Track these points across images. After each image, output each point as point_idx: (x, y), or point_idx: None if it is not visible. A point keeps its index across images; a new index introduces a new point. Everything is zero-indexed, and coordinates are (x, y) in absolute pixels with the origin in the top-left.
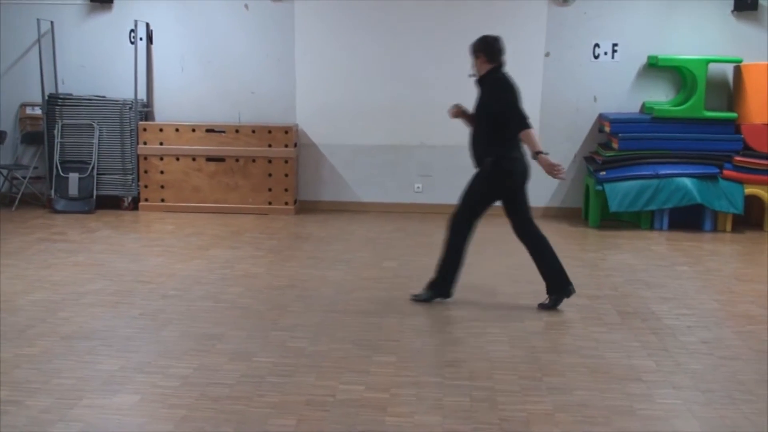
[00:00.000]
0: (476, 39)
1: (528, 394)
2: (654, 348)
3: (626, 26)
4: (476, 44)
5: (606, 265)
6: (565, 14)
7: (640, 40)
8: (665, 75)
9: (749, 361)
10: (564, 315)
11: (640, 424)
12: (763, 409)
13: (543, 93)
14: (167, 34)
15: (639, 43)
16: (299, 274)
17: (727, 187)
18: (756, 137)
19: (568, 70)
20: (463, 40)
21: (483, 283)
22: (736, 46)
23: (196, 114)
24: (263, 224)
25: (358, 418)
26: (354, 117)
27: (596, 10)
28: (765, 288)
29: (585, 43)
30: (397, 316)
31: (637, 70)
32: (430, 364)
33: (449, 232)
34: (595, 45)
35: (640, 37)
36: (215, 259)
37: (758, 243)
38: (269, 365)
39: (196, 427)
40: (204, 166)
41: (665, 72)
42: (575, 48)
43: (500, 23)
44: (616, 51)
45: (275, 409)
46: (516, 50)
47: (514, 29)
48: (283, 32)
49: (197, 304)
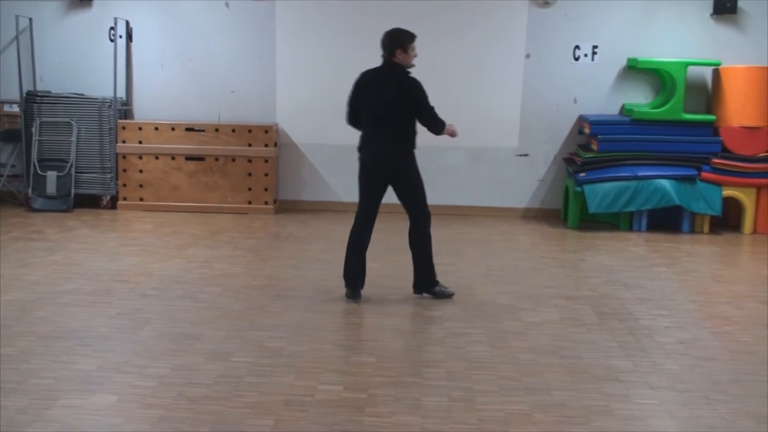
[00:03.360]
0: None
1: (506, 394)
2: (631, 348)
3: (606, 28)
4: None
5: (585, 266)
6: (545, 16)
7: (619, 43)
8: (645, 77)
9: (725, 362)
10: (543, 316)
11: (617, 424)
12: (738, 409)
13: (523, 94)
14: (147, 32)
15: (619, 45)
16: (278, 273)
17: (705, 189)
18: (734, 140)
19: (548, 71)
20: (444, 41)
21: (462, 284)
22: (715, 49)
23: (176, 112)
24: (243, 224)
25: (336, 418)
26: (335, 117)
27: (576, 12)
28: (741, 289)
29: (565, 44)
30: (376, 316)
31: (617, 72)
32: (409, 364)
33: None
34: (576, 47)
35: (619, 40)
36: (194, 259)
37: (735, 244)
38: (247, 365)
39: (174, 428)
40: (183, 165)
41: (645, 74)
42: (555, 50)
43: (481, 24)
44: (596, 53)
45: (253, 409)
46: (496, 52)
47: (495, 30)
48: (264, 31)
49: (175, 304)
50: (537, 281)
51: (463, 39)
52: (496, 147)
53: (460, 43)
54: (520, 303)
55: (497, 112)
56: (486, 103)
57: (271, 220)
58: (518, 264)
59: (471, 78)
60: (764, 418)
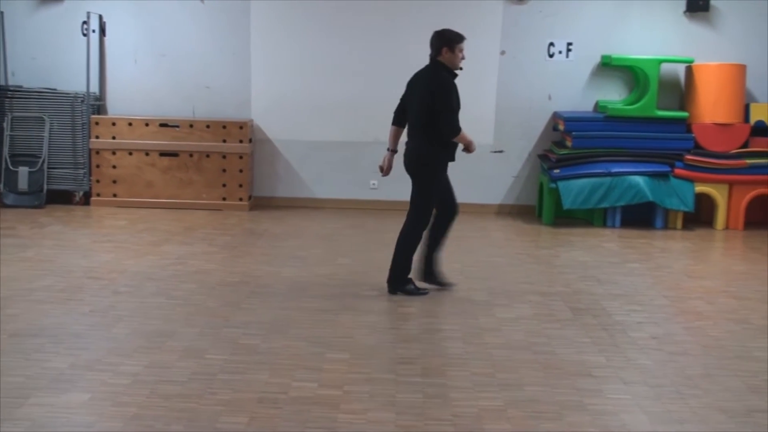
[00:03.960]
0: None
1: (480, 390)
2: (605, 344)
3: (580, 26)
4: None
5: (559, 262)
6: (520, 13)
7: (593, 40)
8: (618, 74)
9: (697, 356)
10: (517, 311)
11: (590, 418)
12: (710, 403)
13: (498, 91)
14: (120, 27)
15: (593, 42)
16: (253, 270)
17: (678, 186)
18: (707, 136)
19: (523, 68)
20: (419, 37)
21: None
22: (688, 47)
23: (150, 108)
24: (217, 220)
25: (310, 416)
26: (310, 113)
27: (551, 10)
28: (713, 284)
29: (540, 41)
30: (350, 312)
31: (591, 69)
32: (384, 360)
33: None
34: (550, 44)
35: (593, 37)
36: (168, 255)
37: (708, 240)
38: (221, 362)
39: (146, 426)
40: (157, 161)
41: (618, 71)
42: (530, 47)
43: (456, 21)
44: (570, 50)
45: (227, 406)
46: (471, 48)
47: (470, 27)
48: (239, 26)
49: (149, 301)
50: (511, 277)
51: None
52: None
53: None
54: (495, 299)
55: (472, 108)
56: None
57: (245, 216)
58: (493, 260)
59: None
60: (735, 412)
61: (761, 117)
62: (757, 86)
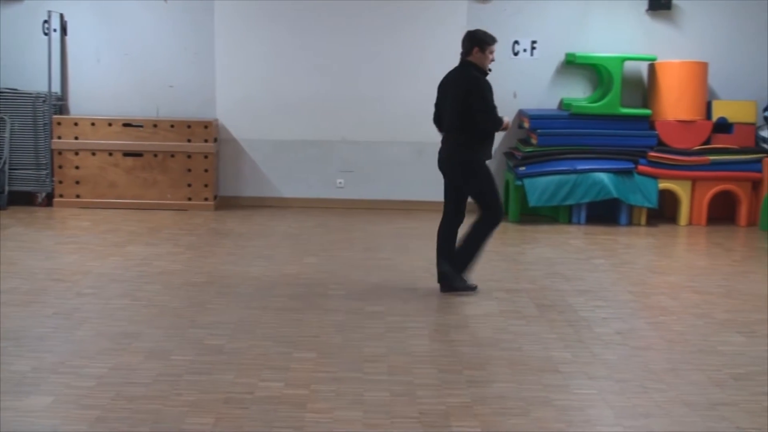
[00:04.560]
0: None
1: (447, 387)
2: (570, 340)
3: (545, 24)
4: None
5: (525, 258)
6: (484, 11)
7: (558, 38)
8: (583, 72)
9: (661, 351)
10: (484, 308)
11: (556, 414)
12: (674, 397)
13: None
14: (82, 26)
15: (557, 40)
16: (218, 270)
17: (642, 182)
18: (669, 133)
19: None
20: (384, 36)
21: (404, 278)
22: (651, 45)
23: (113, 108)
24: (182, 220)
25: (277, 415)
26: (275, 112)
27: (515, 8)
28: (677, 280)
29: (504, 39)
30: (317, 312)
31: (556, 67)
32: (351, 359)
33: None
34: (515, 42)
35: (558, 35)
36: (132, 256)
37: (672, 236)
38: (187, 363)
39: (111, 428)
40: (121, 161)
41: (582, 69)
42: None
43: (421, 19)
44: (534, 48)
45: (192, 407)
46: (436, 47)
47: (435, 26)
48: (203, 25)
49: (113, 302)
50: (478, 274)
51: (403, 34)
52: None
53: (400, 38)
54: (462, 296)
55: None
56: (427, 98)
57: (211, 216)
58: None
59: (411, 72)
60: (699, 406)
61: (723, 114)
62: (718, 83)
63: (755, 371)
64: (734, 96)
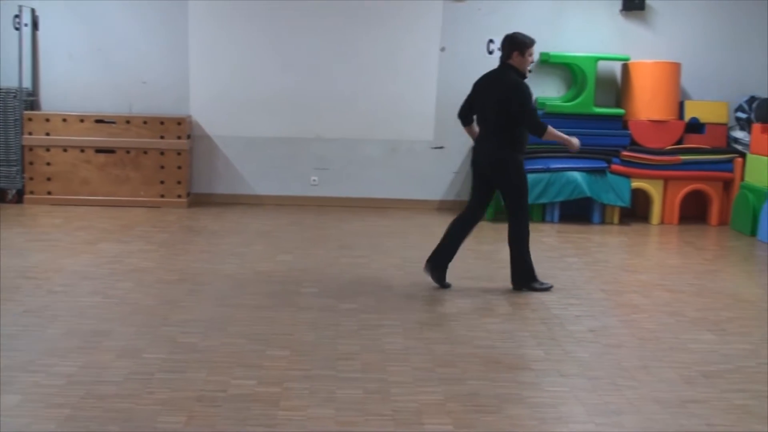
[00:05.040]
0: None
1: (420, 384)
2: (543, 337)
3: (519, 23)
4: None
5: (499, 257)
6: (460, 10)
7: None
8: (557, 71)
9: (633, 349)
10: (458, 306)
11: (528, 411)
12: (645, 395)
13: (438, 87)
14: (54, 21)
15: None
16: (191, 268)
17: (614, 181)
18: (642, 133)
19: (463, 64)
20: (359, 34)
21: (378, 276)
22: (624, 45)
23: (85, 104)
24: (155, 217)
25: (249, 413)
26: (249, 109)
27: (490, 7)
28: (649, 278)
29: (479, 38)
30: (290, 309)
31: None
32: (324, 357)
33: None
34: (490, 41)
35: (532, 34)
36: (104, 254)
37: (644, 235)
38: (159, 361)
39: (81, 427)
40: (93, 158)
41: (557, 68)
42: (470, 43)
43: (396, 17)
44: None
45: (165, 406)
46: (412, 44)
47: (410, 23)
48: (177, 21)
49: (84, 300)
50: (453, 272)
51: (378, 31)
52: (411, 139)
53: (375, 36)
54: (436, 294)
55: (413, 104)
56: (401, 96)
57: (184, 213)
58: None
59: (386, 70)
60: (669, 403)
61: (695, 114)
62: (690, 84)
63: (725, 369)
64: (706, 96)
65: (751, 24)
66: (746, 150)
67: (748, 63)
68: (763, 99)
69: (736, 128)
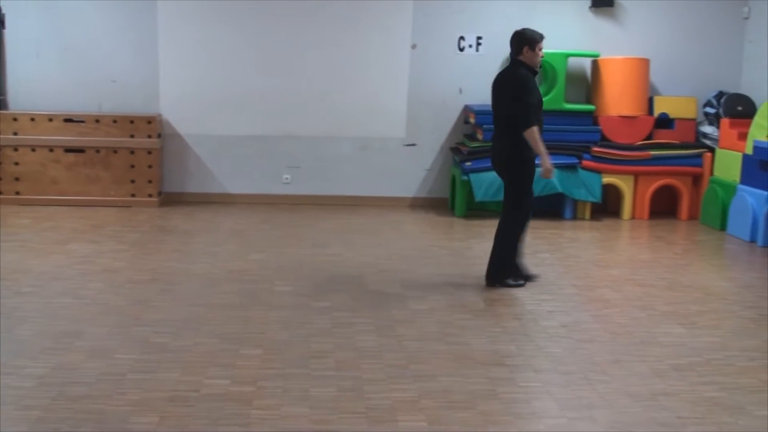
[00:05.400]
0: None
1: (394, 382)
2: (516, 333)
3: (490, 20)
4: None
5: (471, 253)
6: (430, 7)
7: (503, 34)
8: None
9: (605, 343)
10: (430, 303)
11: (502, 407)
12: (617, 389)
13: (410, 84)
14: (21, 19)
15: (502, 36)
16: (163, 267)
17: (586, 177)
18: (612, 128)
19: (434, 62)
20: (330, 31)
21: (351, 274)
22: (594, 41)
23: (54, 103)
24: (126, 217)
25: (222, 413)
26: (220, 107)
27: (461, 4)
28: (620, 273)
29: (450, 35)
30: (263, 308)
31: (501, 63)
32: (297, 355)
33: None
34: (460, 38)
35: (503, 31)
36: (74, 254)
37: (615, 230)
38: (131, 362)
39: (52, 428)
40: (62, 158)
41: None
42: (441, 40)
43: (367, 15)
44: (480, 44)
45: (137, 406)
46: (383, 42)
47: (381, 20)
48: (146, 19)
49: (54, 301)
50: (425, 269)
51: (349, 29)
52: (383, 137)
53: (346, 33)
54: (409, 291)
55: (384, 101)
56: (373, 93)
57: (155, 212)
58: (406, 253)
59: (358, 68)
60: (641, 396)
61: (664, 110)
62: (660, 79)
63: (695, 362)
64: (675, 92)
65: (719, 20)
66: (715, 145)
67: (716, 58)
68: (731, 94)
69: (704, 123)
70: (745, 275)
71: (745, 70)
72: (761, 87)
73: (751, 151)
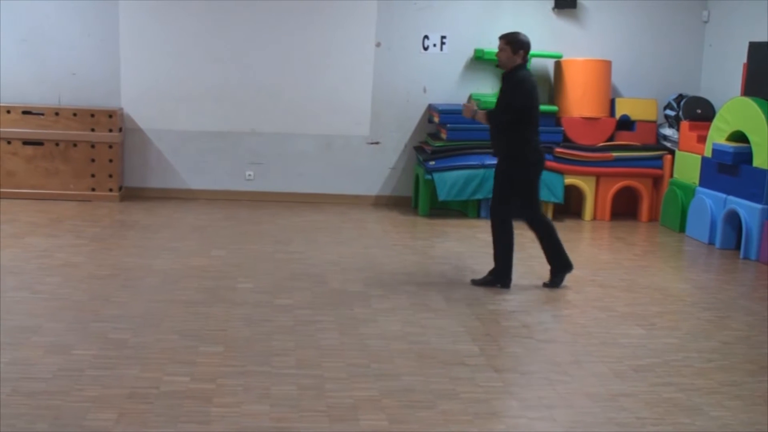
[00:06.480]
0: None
1: (355, 380)
2: (478, 333)
3: (454, 19)
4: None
5: (434, 252)
6: (395, 5)
7: (467, 34)
8: (491, 68)
9: (565, 344)
10: (393, 302)
11: (462, 406)
12: (577, 389)
13: (374, 83)
14: None
15: (466, 36)
16: (123, 263)
17: (548, 178)
18: (575, 130)
19: (398, 60)
20: (293, 25)
21: (313, 272)
22: (557, 42)
23: (11, 95)
24: (86, 211)
25: (182, 410)
26: (182, 102)
27: (426, 3)
28: (581, 273)
29: (415, 34)
30: (224, 305)
31: (465, 63)
32: (258, 353)
33: (492, 226)
34: (425, 37)
35: (467, 31)
36: (32, 248)
37: (577, 231)
38: (89, 358)
39: (8, 425)
40: (20, 150)
41: (491, 65)
42: (405, 39)
43: (331, 11)
44: (444, 43)
45: (95, 403)
46: (347, 39)
47: (345, 18)
48: (107, 11)
49: (10, 295)
50: (388, 268)
51: (312, 26)
52: (347, 135)
53: (309, 30)
54: (371, 290)
55: (348, 99)
56: (336, 91)
57: (116, 207)
58: (369, 251)
59: (321, 65)
60: (600, 397)
61: (626, 111)
62: (621, 81)
63: (654, 363)
64: (636, 94)
65: (680, 22)
66: (675, 147)
67: (676, 61)
68: (691, 97)
69: (665, 125)
70: (702, 277)
71: (705, 74)
72: (720, 90)
73: (710, 154)
